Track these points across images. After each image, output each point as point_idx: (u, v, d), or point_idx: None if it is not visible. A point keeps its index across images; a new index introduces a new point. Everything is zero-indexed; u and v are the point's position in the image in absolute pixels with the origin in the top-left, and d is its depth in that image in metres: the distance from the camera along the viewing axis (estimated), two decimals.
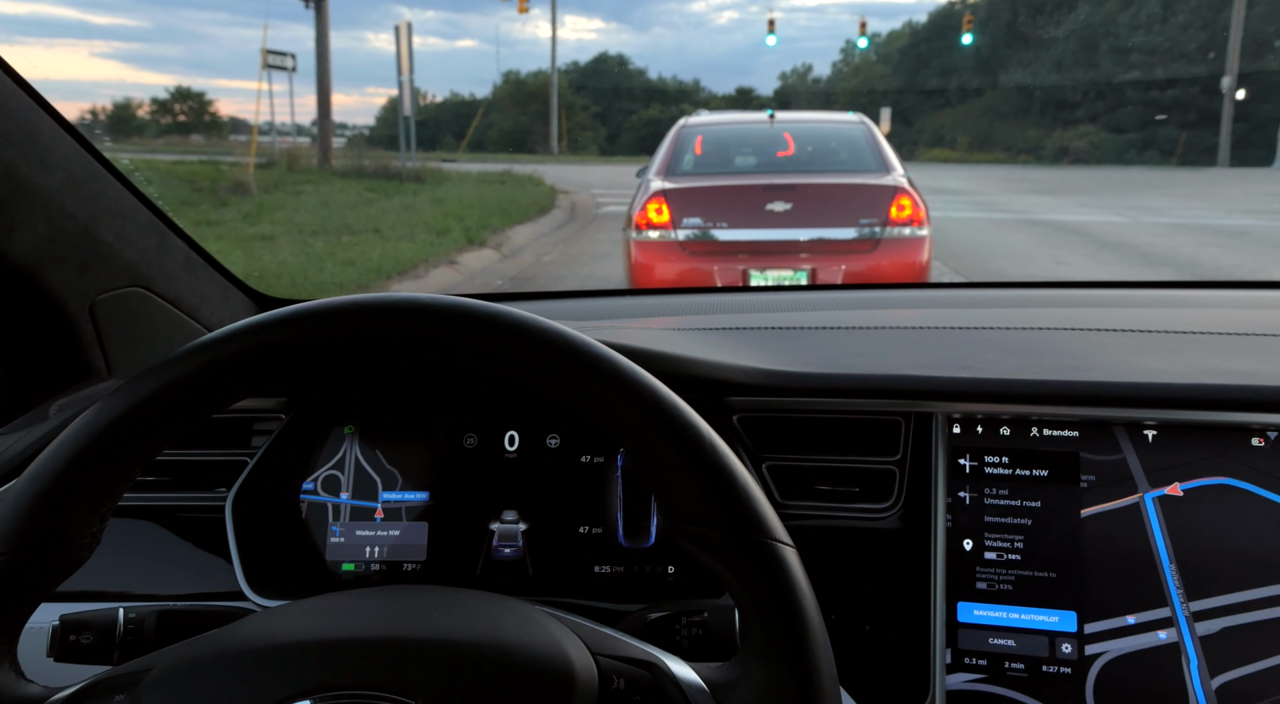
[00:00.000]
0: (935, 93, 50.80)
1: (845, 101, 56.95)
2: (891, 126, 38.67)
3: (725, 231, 4.91)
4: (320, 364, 0.54)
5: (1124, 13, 38.43)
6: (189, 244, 1.09)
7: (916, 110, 50.02)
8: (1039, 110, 41.53)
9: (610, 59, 60.92)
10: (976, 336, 1.04)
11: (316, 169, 14.79)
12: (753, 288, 1.49)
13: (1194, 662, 0.79)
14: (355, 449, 0.93)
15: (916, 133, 46.55)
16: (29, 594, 0.53)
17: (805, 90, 64.89)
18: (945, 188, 18.50)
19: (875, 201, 4.90)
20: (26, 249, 0.90)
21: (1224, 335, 1.01)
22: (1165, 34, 36.31)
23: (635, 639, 0.57)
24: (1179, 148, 31.81)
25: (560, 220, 12.10)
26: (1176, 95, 34.68)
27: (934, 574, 0.85)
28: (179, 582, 0.93)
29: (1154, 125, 34.73)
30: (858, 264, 4.80)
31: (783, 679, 0.49)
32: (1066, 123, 38.31)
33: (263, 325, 0.53)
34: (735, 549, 0.50)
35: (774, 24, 30.33)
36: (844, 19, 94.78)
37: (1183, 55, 35.55)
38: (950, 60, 50.96)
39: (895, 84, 54.32)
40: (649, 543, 0.90)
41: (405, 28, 14.87)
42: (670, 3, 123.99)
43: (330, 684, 0.50)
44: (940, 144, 41.94)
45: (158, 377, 0.53)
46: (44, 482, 0.52)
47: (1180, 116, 34.09)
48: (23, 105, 0.88)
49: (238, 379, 0.54)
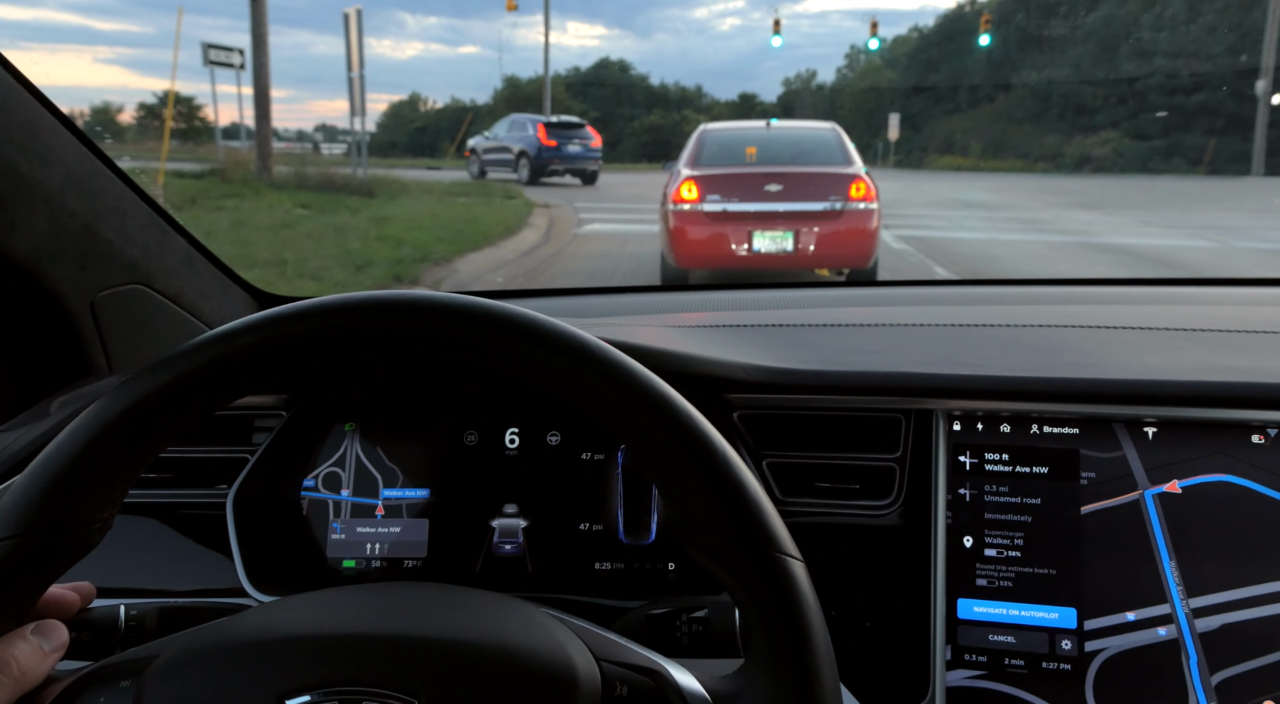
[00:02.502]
0: (945, 98, 50.08)
1: (851, 107, 56.70)
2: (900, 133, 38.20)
3: (737, 204, 7.27)
4: (334, 359, 0.55)
5: (1146, 13, 37.43)
6: (189, 241, 1.11)
7: (925, 116, 49.19)
8: (1056, 115, 40.63)
9: (612, 64, 60.98)
10: (977, 334, 1.06)
11: (255, 179, 13.07)
12: (753, 285, 1.52)
13: (1194, 658, 0.81)
14: (356, 446, 0.95)
15: (925, 139, 45.71)
16: (40, 577, 0.55)
17: (809, 96, 64.79)
18: (971, 201, 17.53)
19: (840, 184, 7.27)
20: (27, 246, 0.92)
21: (1224, 332, 1.03)
22: (1191, 35, 35.37)
23: (640, 646, 0.59)
24: (1208, 155, 30.98)
25: (529, 244, 10.48)
26: (1204, 100, 33.68)
27: (934, 571, 0.87)
28: (181, 578, 0.95)
29: (1179, 131, 33.69)
30: (827, 228, 7.20)
31: (786, 693, 0.51)
32: (1086, 129, 37.50)
33: (278, 319, 0.55)
34: (744, 561, 0.51)
35: (779, 24, 29.81)
36: (847, 25, 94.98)
37: (1210, 57, 34.54)
38: (960, 64, 50.16)
39: (903, 89, 54.01)
40: (649, 540, 0.92)
41: (355, 16, 13.65)
42: (673, 9, 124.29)
43: (333, 679, 0.52)
44: (951, 151, 41.25)
45: (174, 366, 0.54)
46: (57, 466, 0.53)
47: (1207, 122, 33.07)
48: (23, 102, 0.90)
49: (251, 371, 0.55)
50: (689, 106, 55.43)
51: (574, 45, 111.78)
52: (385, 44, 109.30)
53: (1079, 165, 33.87)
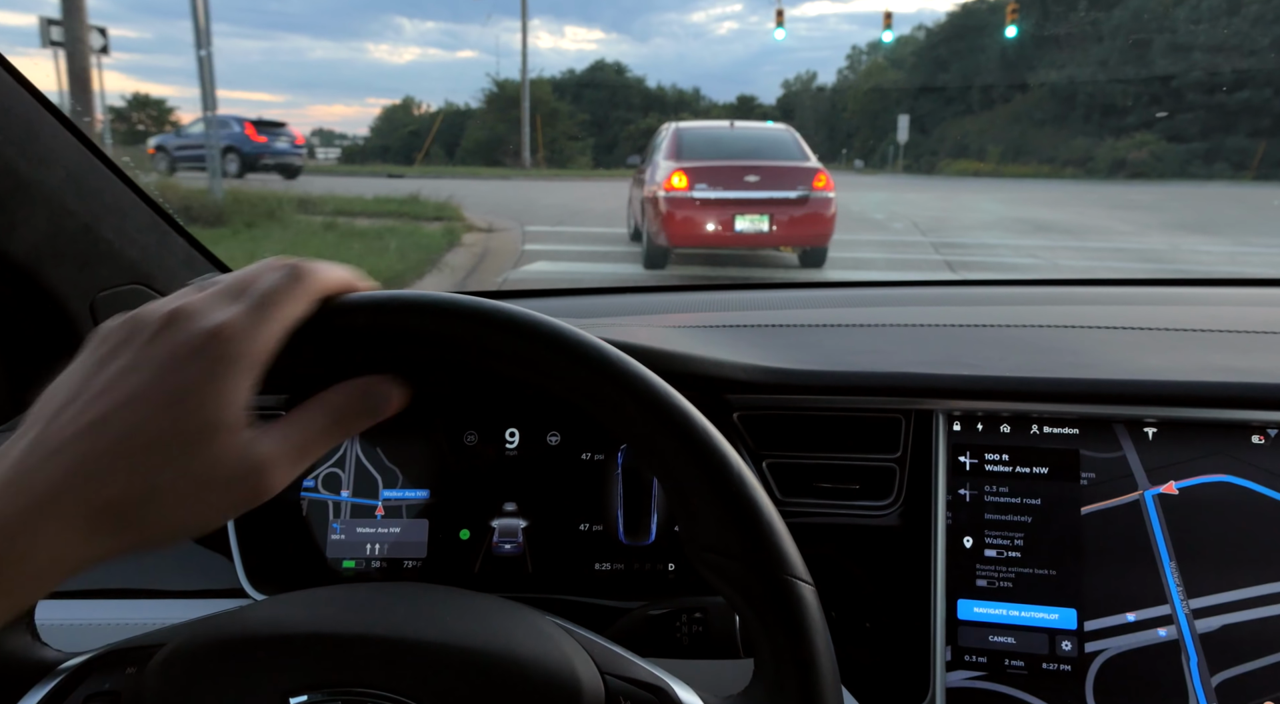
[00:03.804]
0: (955, 99, 49.07)
1: (855, 109, 56.44)
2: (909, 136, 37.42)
3: (722, 192, 9.05)
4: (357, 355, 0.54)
5: (1181, 5, 35.57)
6: (189, 242, 1.13)
7: (934, 118, 47.93)
8: (1082, 117, 39.16)
9: (607, 67, 60.95)
10: (977, 334, 1.08)
11: None
12: (753, 286, 1.54)
13: (1194, 659, 0.82)
14: (356, 447, 0.96)
15: (935, 142, 44.30)
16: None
17: (810, 98, 64.46)
18: (1040, 222, 13.96)
19: (805, 176, 9.22)
20: (27, 247, 0.94)
21: (1224, 333, 1.04)
22: (1233, 28, 33.59)
23: (646, 661, 0.59)
24: (1256, 159, 29.55)
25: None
26: (1247, 98, 32.11)
27: (934, 571, 0.88)
28: (180, 579, 0.96)
29: (1220, 132, 31.80)
30: (796, 212, 9.07)
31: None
32: (1116, 131, 35.74)
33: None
34: (754, 583, 0.51)
35: (782, 15, 28.30)
36: (845, 29, 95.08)
37: (1254, 52, 32.80)
38: (972, 63, 48.83)
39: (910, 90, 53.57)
40: (649, 540, 0.94)
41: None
42: (670, 13, 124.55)
43: (339, 680, 0.53)
44: (964, 155, 39.88)
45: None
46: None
47: (1252, 122, 31.39)
48: (23, 102, 0.91)
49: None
50: (686, 109, 55.40)
51: (571, 49, 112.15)
52: (382, 49, 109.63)
53: (1113, 170, 32.31)
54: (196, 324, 0.47)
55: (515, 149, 34.65)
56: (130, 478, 0.44)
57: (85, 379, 0.47)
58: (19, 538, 0.42)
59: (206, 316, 0.47)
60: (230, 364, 0.46)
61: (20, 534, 0.42)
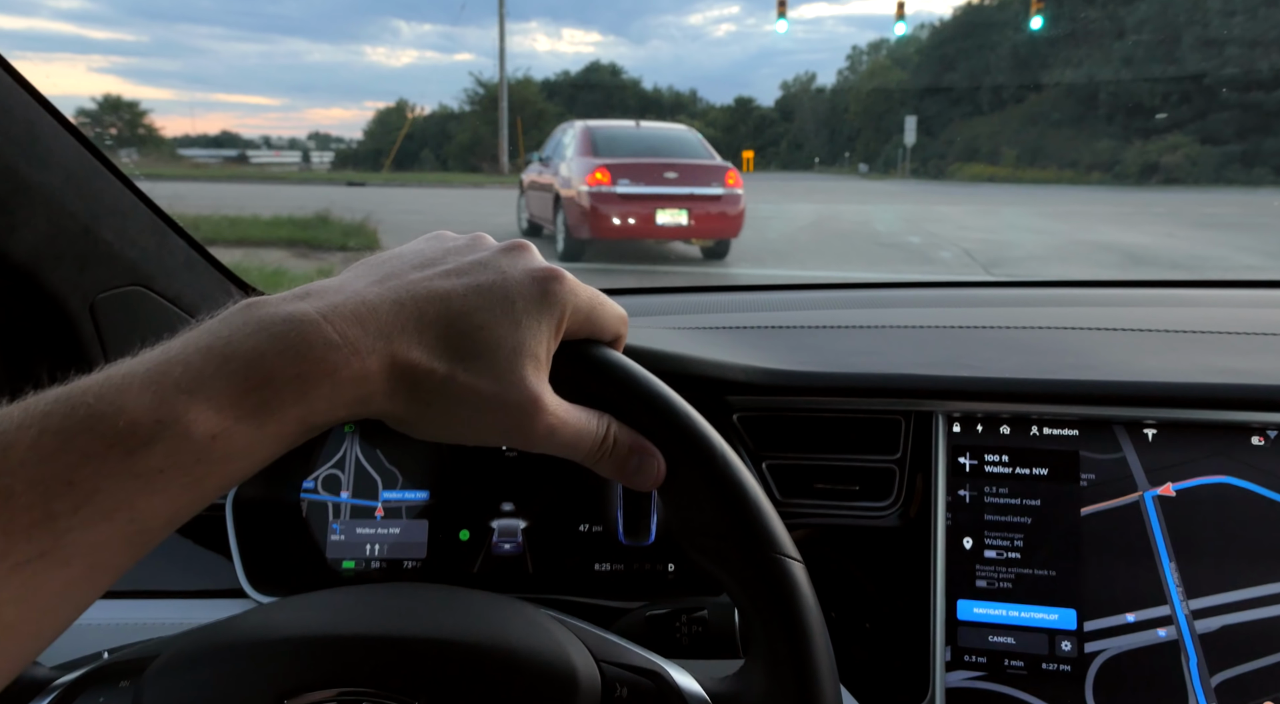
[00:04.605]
0: (964, 99, 47.97)
1: (857, 110, 56.08)
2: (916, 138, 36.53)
3: (643, 187, 9.95)
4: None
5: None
6: (189, 243, 1.13)
7: (941, 119, 46.70)
8: (1104, 117, 37.47)
9: (602, 68, 60.96)
10: (976, 335, 1.09)
11: None
12: (753, 287, 1.55)
13: (1193, 659, 0.83)
14: (355, 448, 0.97)
15: (943, 145, 42.82)
16: None
17: (809, 99, 64.11)
18: (1129, 250, 11.42)
19: (719, 174, 10.37)
20: (27, 248, 0.94)
21: (1224, 334, 1.05)
22: (1272, 20, 31.87)
23: (640, 647, 0.60)
24: None
25: None
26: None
27: (934, 572, 0.89)
28: (180, 579, 0.97)
29: (1257, 133, 30.01)
30: (711, 208, 10.12)
31: (786, 694, 0.52)
32: (1143, 132, 33.87)
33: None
34: (743, 562, 0.52)
35: (784, 6, 26.70)
36: (842, 31, 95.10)
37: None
38: (981, 61, 47.31)
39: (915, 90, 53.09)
40: (649, 541, 0.94)
41: None
42: (667, 16, 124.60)
43: (334, 680, 0.53)
44: (975, 157, 38.72)
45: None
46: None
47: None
48: (22, 103, 0.92)
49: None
50: (683, 111, 55.39)
51: (569, 52, 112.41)
52: (380, 52, 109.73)
53: (1144, 175, 30.66)
54: (541, 261, 0.52)
55: (494, 153, 33.58)
56: (459, 346, 0.47)
57: (443, 253, 0.52)
58: (371, 356, 0.45)
59: (549, 266, 0.52)
60: (562, 308, 0.51)
61: (372, 353, 0.45)
